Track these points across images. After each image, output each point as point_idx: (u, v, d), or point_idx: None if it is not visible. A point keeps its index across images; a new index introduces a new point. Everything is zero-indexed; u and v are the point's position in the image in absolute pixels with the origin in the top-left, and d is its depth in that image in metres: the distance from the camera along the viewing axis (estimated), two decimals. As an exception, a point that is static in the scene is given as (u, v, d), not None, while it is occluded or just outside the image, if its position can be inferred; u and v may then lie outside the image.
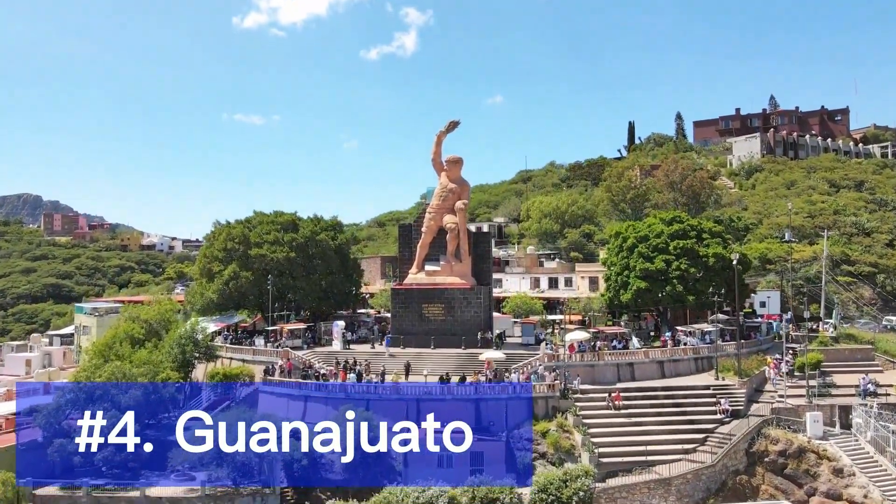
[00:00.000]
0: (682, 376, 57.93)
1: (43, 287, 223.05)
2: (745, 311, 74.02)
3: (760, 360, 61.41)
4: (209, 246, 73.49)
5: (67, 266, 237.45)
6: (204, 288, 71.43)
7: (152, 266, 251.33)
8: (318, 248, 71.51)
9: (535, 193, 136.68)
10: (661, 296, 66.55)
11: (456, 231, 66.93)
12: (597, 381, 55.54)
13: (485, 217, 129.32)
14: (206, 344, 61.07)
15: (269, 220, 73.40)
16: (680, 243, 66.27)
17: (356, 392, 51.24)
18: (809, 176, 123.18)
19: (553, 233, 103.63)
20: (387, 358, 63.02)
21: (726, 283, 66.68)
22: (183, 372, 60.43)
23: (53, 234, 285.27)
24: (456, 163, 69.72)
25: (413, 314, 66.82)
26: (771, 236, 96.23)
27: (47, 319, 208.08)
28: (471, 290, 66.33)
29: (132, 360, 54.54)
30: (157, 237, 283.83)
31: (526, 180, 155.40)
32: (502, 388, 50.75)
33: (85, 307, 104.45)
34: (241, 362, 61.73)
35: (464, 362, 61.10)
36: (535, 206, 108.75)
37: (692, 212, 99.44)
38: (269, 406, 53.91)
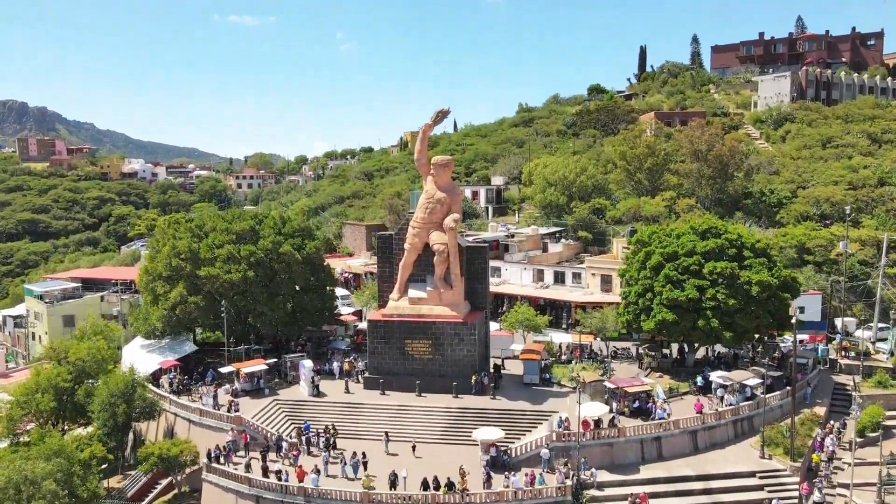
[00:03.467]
0: (719, 447, 47.74)
1: (18, 223, 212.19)
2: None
3: (812, 418, 51.19)
4: (151, 260, 61.43)
5: (44, 198, 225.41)
6: (148, 312, 60.09)
7: (134, 197, 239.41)
8: (281, 263, 59.66)
9: (537, 144, 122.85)
10: (692, 330, 55.49)
11: (445, 254, 55.02)
12: (616, 462, 45.40)
13: (482, 174, 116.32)
14: (142, 400, 50.46)
15: (222, 228, 61.10)
16: (717, 266, 54.48)
17: (319, 499, 41.09)
18: (846, 127, 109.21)
19: (559, 205, 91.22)
20: (365, 407, 52.82)
21: (771, 315, 55.54)
22: (116, 438, 50.25)
23: (29, 159, 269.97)
24: (445, 166, 56.86)
25: (394, 351, 55.96)
26: (809, 216, 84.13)
27: (23, 260, 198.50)
28: (463, 325, 55.17)
29: (42, 446, 43.96)
30: (139, 164, 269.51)
31: (528, 122, 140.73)
32: (500, 496, 40.55)
33: (34, 290, 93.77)
34: (186, 421, 51.35)
35: (455, 422, 50.92)
36: (538, 169, 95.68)
37: (718, 183, 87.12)
38: (216, 500, 44.00)
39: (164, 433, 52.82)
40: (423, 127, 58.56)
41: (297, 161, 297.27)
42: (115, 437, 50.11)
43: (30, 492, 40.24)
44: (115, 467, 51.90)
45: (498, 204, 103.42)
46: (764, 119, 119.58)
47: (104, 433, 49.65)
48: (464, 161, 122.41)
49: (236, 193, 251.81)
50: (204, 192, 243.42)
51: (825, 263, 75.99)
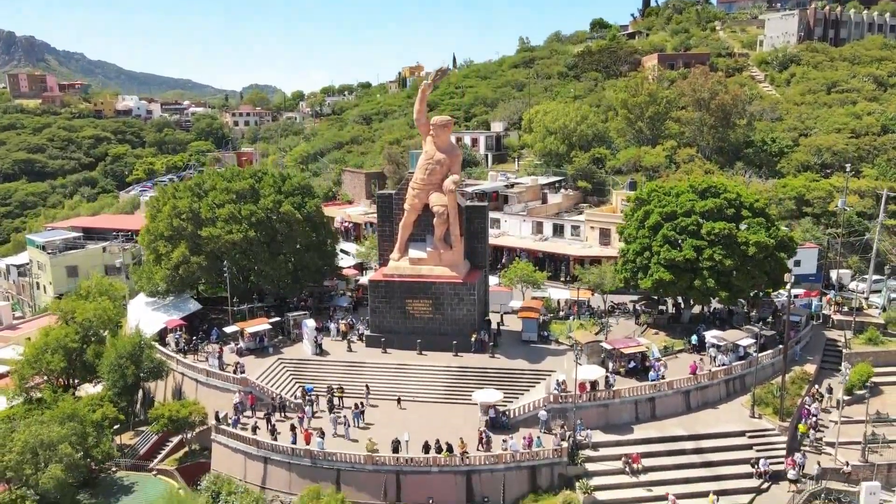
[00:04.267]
0: (711, 406, 49.21)
1: (14, 163, 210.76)
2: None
3: (802, 376, 52.57)
4: (152, 219, 61.60)
5: (38, 138, 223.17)
6: (151, 271, 60.74)
7: (130, 136, 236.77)
8: (282, 222, 59.95)
9: (537, 87, 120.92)
10: (688, 289, 56.34)
11: (445, 216, 55.29)
12: (611, 422, 46.90)
13: (482, 119, 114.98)
14: (150, 361, 51.71)
15: (222, 188, 61.06)
16: (715, 227, 54.84)
17: (325, 461, 42.73)
18: (852, 70, 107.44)
19: (559, 154, 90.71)
20: (367, 366, 54.18)
21: (767, 275, 56.30)
22: (126, 398, 51.76)
23: (21, 96, 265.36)
24: (444, 127, 56.52)
25: (395, 310, 56.93)
26: (810, 165, 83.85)
27: (21, 201, 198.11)
28: (462, 285, 55.94)
29: (56, 410, 45.37)
30: (133, 101, 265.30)
31: (529, 63, 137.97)
32: (498, 458, 42.18)
33: (36, 240, 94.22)
34: (193, 381, 52.74)
35: (455, 381, 52.29)
36: (538, 116, 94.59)
37: (720, 132, 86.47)
38: (225, 462, 45.78)
39: (172, 392, 54.34)
40: (422, 86, 57.87)
41: (294, 97, 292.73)
42: (125, 397, 51.61)
43: (46, 455, 41.83)
44: (126, 423, 53.55)
45: (498, 151, 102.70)
46: (769, 61, 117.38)
47: (114, 393, 51.09)
48: (463, 105, 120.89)
49: (233, 131, 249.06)
50: (200, 131, 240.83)
51: (823, 215, 76.33)
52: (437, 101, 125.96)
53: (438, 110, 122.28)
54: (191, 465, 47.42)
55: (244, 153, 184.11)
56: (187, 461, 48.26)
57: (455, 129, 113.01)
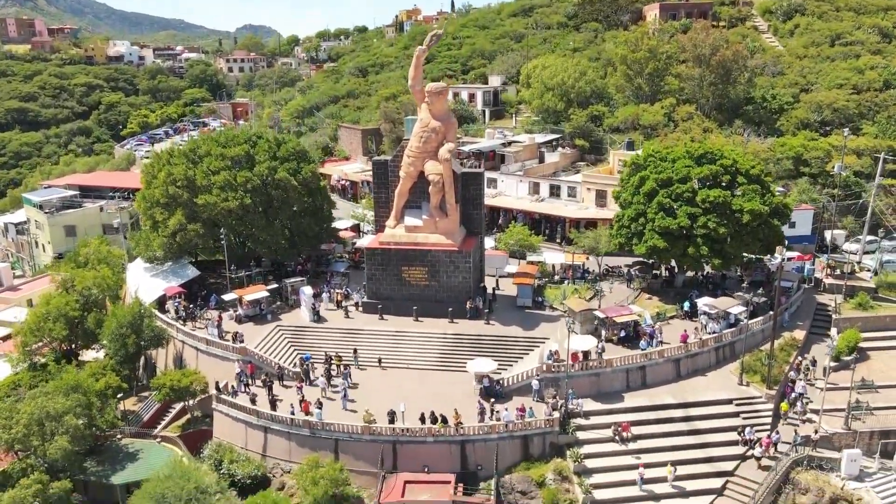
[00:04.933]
0: (701, 374, 50.35)
1: (6, 112, 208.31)
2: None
3: (791, 343, 53.53)
4: (148, 185, 61.48)
5: (29, 86, 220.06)
6: (148, 238, 61.04)
7: (123, 83, 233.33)
8: (277, 189, 59.94)
9: (536, 39, 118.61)
10: (682, 256, 56.81)
11: (440, 184, 55.30)
12: (603, 391, 48.06)
13: (479, 72, 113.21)
14: (150, 330, 52.56)
15: (217, 153, 60.75)
16: (710, 195, 54.91)
17: (324, 431, 43.99)
18: (858, 20, 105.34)
19: (557, 111, 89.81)
20: (364, 333, 55.11)
21: (760, 242, 56.69)
22: (128, 366, 52.86)
23: (9, 41, 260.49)
24: (440, 94, 55.90)
25: (392, 277, 57.55)
26: (809, 123, 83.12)
27: (16, 151, 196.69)
28: (458, 253, 56.38)
29: (60, 380, 46.38)
30: (125, 46, 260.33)
31: (528, 11, 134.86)
32: (491, 428, 43.42)
33: (33, 199, 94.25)
34: (194, 350, 53.70)
35: (450, 349, 53.30)
36: (536, 72, 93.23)
37: (720, 90, 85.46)
38: (226, 431, 47.14)
39: (173, 359, 55.38)
40: (416, 52, 56.91)
41: (290, 42, 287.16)
42: (127, 365, 52.64)
43: (52, 426, 43.01)
44: (129, 390, 54.76)
45: (495, 107, 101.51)
46: (773, 10, 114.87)
47: (116, 362, 52.10)
48: (460, 58, 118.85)
49: (227, 77, 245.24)
50: (195, 77, 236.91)
51: (821, 175, 76.14)
52: (435, 54, 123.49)
53: (436, 63, 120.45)
54: (193, 433, 48.78)
55: (239, 103, 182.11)
56: (190, 428, 49.62)
57: (452, 83, 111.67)
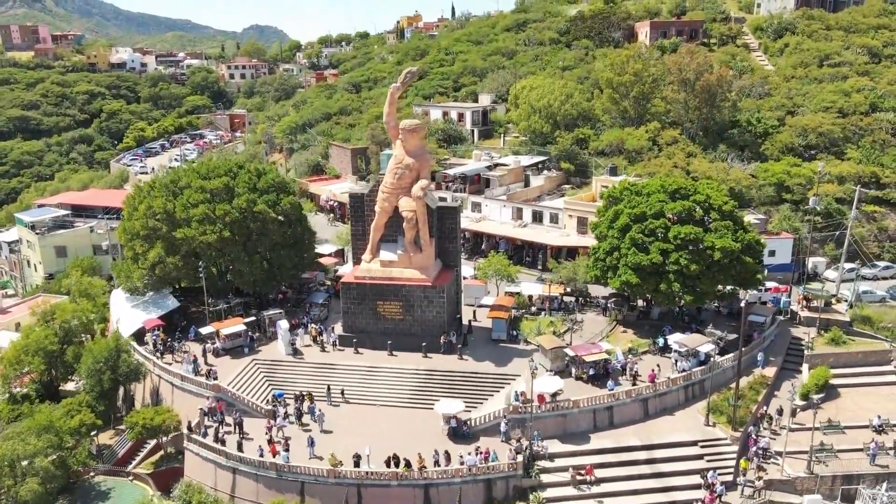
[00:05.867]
0: (669, 413, 50.69)
1: (8, 121, 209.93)
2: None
3: (760, 381, 53.83)
4: (129, 217, 62.26)
5: (32, 94, 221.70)
6: (129, 269, 61.83)
7: (125, 90, 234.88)
8: (256, 222, 60.60)
9: (527, 56, 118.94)
10: (654, 292, 57.17)
11: (413, 221, 55.84)
12: (569, 431, 48.48)
13: (471, 90, 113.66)
14: (126, 365, 53.36)
15: (197, 186, 61.42)
16: (682, 231, 55.25)
17: (290, 473, 44.65)
18: (847, 40, 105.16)
19: (543, 133, 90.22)
20: (338, 368, 55.73)
21: (733, 278, 57.04)
22: (105, 402, 53.68)
23: (13, 48, 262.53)
24: (413, 132, 56.45)
25: (367, 311, 58.14)
26: (794, 147, 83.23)
27: (17, 160, 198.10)
28: (432, 288, 56.90)
29: (32, 420, 47.22)
30: (127, 53, 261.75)
31: (522, 26, 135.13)
32: (455, 472, 43.97)
33: (25, 219, 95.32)
34: (170, 384, 54.43)
35: (422, 384, 53.83)
36: (524, 93, 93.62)
37: (704, 113, 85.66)
38: (196, 470, 47.81)
39: (150, 393, 56.13)
40: (391, 89, 57.48)
41: (291, 47, 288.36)
42: (103, 401, 53.39)
43: (24, 468, 43.85)
44: (107, 421, 55.61)
45: (484, 126, 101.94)
46: (764, 27, 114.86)
47: (92, 397, 52.91)
48: (452, 74, 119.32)
49: (228, 84, 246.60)
50: (196, 84, 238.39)
51: (802, 202, 76.28)
52: (427, 70, 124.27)
53: (428, 80, 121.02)
54: (165, 470, 49.57)
55: (237, 115, 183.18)
56: (163, 465, 50.44)
57: (443, 100, 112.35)
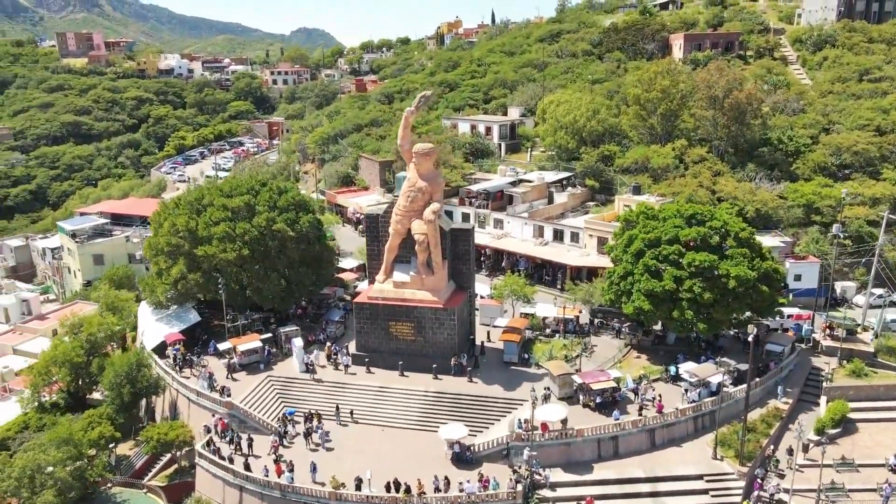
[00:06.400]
0: (677, 444, 50.16)
1: (62, 126, 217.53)
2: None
3: (774, 413, 52.83)
4: (155, 233, 64.41)
5: (84, 100, 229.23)
6: (153, 284, 63.92)
7: (171, 96, 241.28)
8: (274, 240, 61.98)
9: (558, 68, 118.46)
10: (668, 319, 56.58)
11: (425, 244, 56.38)
12: (572, 460, 48.42)
13: (500, 102, 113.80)
14: (145, 380, 55.27)
15: (219, 204, 63.11)
16: (696, 259, 54.53)
17: (293, 494, 45.67)
18: (889, 54, 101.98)
19: (569, 149, 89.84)
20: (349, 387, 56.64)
21: (749, 307, 56.09)
22: (125, 414, 55.60)
23: (69, 55, 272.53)
24: (426, 155, 56.99)
25: (379, 331, 58.92)
26: (826, 167, 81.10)
27: (69, 164, 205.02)
28: (443, 310, 57.33)
29: (53, 432, 49.32)
30: (175, 59, 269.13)
31: (556, 36, 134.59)
32: (454, 499, 44.34)
33: (66, 227, 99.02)
34: (186, 399, 56.14)
35: (430, 407, 54.32)
36: (551, 108, 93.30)
37: (733, 131, 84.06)
38: (206, 486, 49.26)
39: (169, 406, 58.00)
40: (405, 113, 58.10)
41: (333, 53, 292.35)
42: (123, 413, 55.31)
43: (42, 479, 45.81)
44: (129, 431, 57.56)
45: (512, 140, 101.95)
46: (804, 39, 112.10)
47: (113, 410, 54.89)
48: (482, 86, 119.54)
49: (271, 90, 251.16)
50: (240, 90, 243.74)
51: (832, 224, 74.26)
52: (458, 82, 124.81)
53: (458, 91, 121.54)
54: (178, 484, 51.14)
55: (275, 122, 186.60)
56: (176, 478, 52.01)
57: (473, 112, 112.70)
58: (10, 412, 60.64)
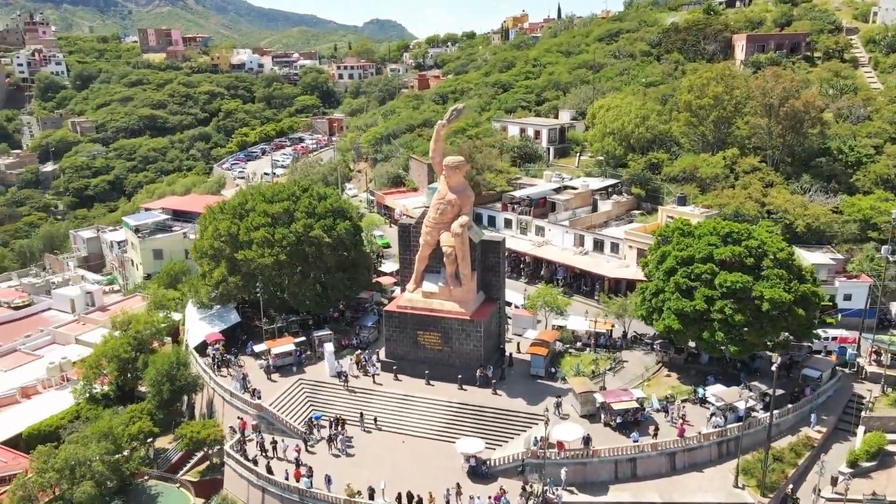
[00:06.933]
0: (699, 469, 49.22)
1: (139, 119, 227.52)
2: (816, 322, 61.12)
3: (803, 443, 51.13)
4: (200, 236, 67.36)
5: (161, 94, 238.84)
6: (198, 285, 66.88)
7: (241, 91, 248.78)
8: (311, 246, 63.73)
9: (614, 69, 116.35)
10: (698, 340, 55.38)
11: (452, 256, 56.90)
12: (589, 479, 48.19)
13: (553, 105, 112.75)
14: (183, 379, 58.07)
15: (260, 210, 65.33)
16: (728, 279, 53.10)
17: (311, 499, 47.27)
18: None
19: (616, 156, 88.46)
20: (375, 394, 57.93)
21: (785, 329, 54.29)
22: (165, 410, 58.49)
23: (149, 50, 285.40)
24: (456, 168, 57.41)
25: (408, 339, 59.91)
26: (889, 179, 77.12)
27: (144, 156, 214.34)
28: (470, 322, 57.81)
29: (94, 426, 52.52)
30: (246, 54, 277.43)
31: (615, 36, 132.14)
32: (464, 515, 44.99)
33: (130, 222, 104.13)
34: (221, 398, 58.62)
35: (452, 418, 54.97)
36: (600, 113, 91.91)
37: (789, 143, 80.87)
38: (233, 485, 51.50)
39: (206, 403, 60.70)
40: (437, 126, 58.69)
41: (399, 47, 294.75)
42: (163, 410, 58.21)
43: (81, 471, 48.89)
44: (168, 425, 60.50)
45: (561, 143, 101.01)
46: (877, 40, 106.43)
47: (154, 405, 57.90)
48: (536, 88, 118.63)
49: (337, 84, 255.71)
50: (307, 85, 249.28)
51: (892, 241, 70.73)
52: (511, 83, 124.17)
53: (511, 92, 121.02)
54: (209, 480, 53.64)
55: (335, 119, 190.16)
56: (208, 475, 54.50)
57: (524, 114, 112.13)
58: (66, 401, 64.58)
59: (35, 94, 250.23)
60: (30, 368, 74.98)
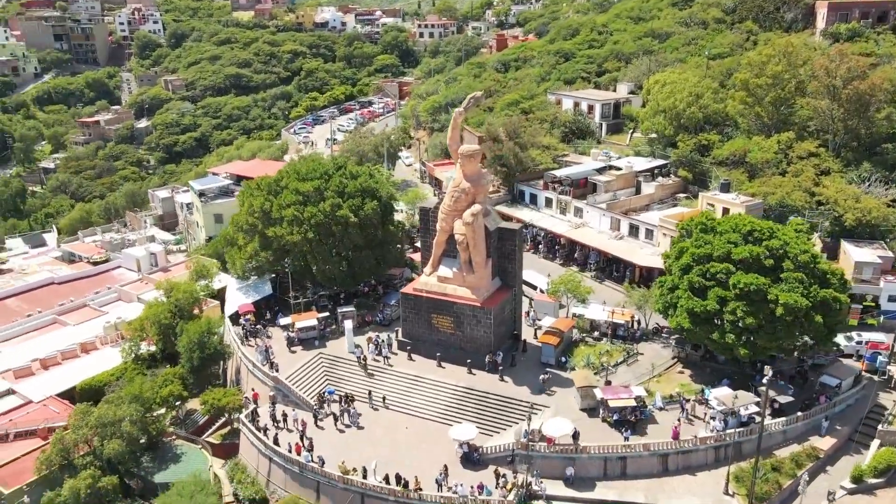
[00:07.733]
0: (693, 472, 48.85)
1: (225, 78, 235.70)
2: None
3: (807, 453, 49.58)
4: (238, 212, 70.89)
5: (247, 52, 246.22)
6: (234, 258, 70.70)
7: (323, 50, 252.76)
8: (338, 225, 65.86)
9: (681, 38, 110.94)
10: (709, 340, 54.11)
11: (465, 244, 57.59)
12: (577, 474, 48.72)
13: (613, 76, 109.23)
14: (212, 347, 62.18)
15: (293, 188, 67.84)
16: (742, 281, 51.37)
17: (309, 473, 50.28)
18: None
19: (666, 136, 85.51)
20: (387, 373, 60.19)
21: (803, 334, 52.26)
22: (195, 376, 62.86)
23: (239, 8, 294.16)
24: (472, 157, 57.67)
25: (422, 321, 61.54)
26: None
27: (229, 115, 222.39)
28: (481, 309, 58.69)
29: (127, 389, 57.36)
30: (330, 13, 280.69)
31: (690, 1, 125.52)
32: (447, 500, 46.70)
33: (196, 186, 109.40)
34: (246, 368, 62.41)
35: (458, 401, 56.50)
36: (655, 88, 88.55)
37: (851, 127, 75.61)
38: (247, 451, 55.30)
39: (234, 371, 64.84)
40: (454, 114, 58.74)
41: (481, 5, 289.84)
42: (194, 375, 62.64)
43: (112, 430, 53.80)
44: (201, 387, 64.93)
45: (615, 119, 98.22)
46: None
47: (186, 370, 62.42)
48: (598, 58, 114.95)
49: (416, 43, 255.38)
50: (387, 44, 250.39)
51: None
52: (574, 51, 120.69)
53: (573, 62, 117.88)
54: (228, 444, 57.73)
55: (405, 82, 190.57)
56: (228, 439, 58.64)
57: (583, 86, 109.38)
58: (117, 359, 70.32)
59: (134, 52, 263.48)
60: (95, 324, 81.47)
